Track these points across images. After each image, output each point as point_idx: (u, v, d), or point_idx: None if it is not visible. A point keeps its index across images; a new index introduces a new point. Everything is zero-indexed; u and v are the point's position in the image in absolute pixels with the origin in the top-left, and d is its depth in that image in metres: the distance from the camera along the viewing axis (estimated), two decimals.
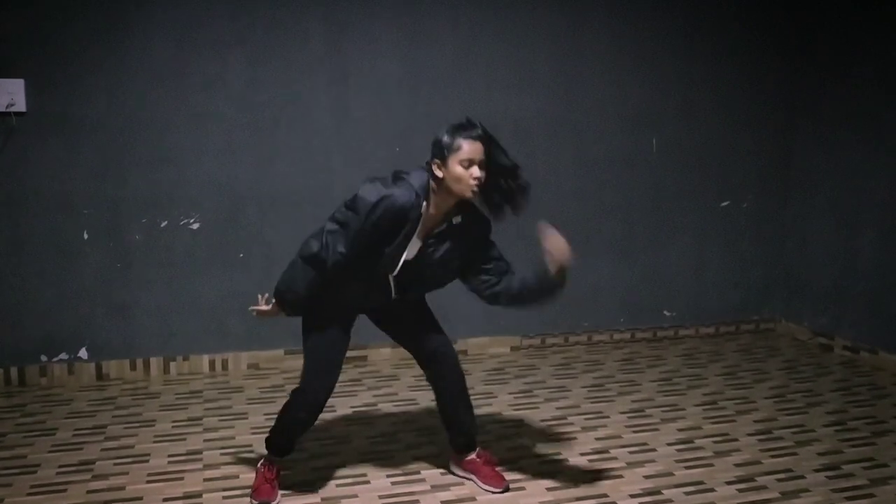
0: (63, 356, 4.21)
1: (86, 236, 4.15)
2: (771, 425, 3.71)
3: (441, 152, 2.67)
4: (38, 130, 4.03)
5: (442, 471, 3.21)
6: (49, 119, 4.03)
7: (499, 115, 4.61)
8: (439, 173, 2.68)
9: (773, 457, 3.37)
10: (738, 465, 3.28)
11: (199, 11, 4.16)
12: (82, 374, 4.23)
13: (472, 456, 3.12)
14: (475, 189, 2.69)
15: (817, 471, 3.23)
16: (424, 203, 2.72)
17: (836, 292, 4.87)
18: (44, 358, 4.19)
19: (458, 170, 2.65)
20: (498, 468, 3.13)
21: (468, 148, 2.65)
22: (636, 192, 4.97)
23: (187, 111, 4.22)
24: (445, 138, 2.67)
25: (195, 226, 4.30)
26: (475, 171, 2.67)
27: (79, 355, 4.23)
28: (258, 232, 4.37)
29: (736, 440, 3.54)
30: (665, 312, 5.14)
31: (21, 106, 3.96)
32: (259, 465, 3.02)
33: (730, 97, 5.06)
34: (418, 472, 3.19)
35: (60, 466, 3.22)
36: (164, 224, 4.24)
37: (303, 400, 2.89)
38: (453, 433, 3.13)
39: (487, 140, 2.70)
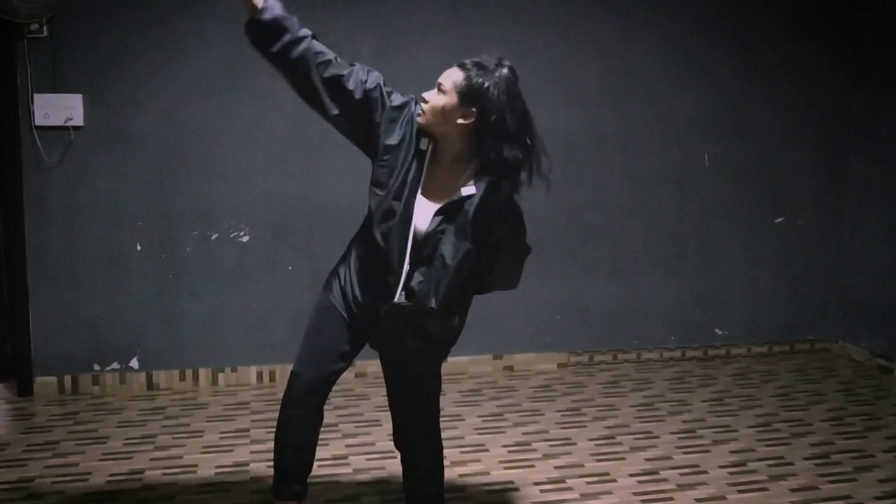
0: (115, 365, 4.27)
1: (139, 248, 4.22)
2: (828, 449, 3.60)
3: None
4: (94, 144, 4.12)
5: (489, 489, 3.17)
6: (105, 133, 4.12)
7: (547, 129, 4.54)
8: None
9: (830, 483, 3.26)
10: (794, 490, 3.18)
11: None
12: (133, 383, 4.29)
13: None
14: (417, 117, 2.32)
15: (878, 498, 3.12)
16: None
17: (895, 312, 4.72)
18: (96, 367, 4.26)
19: None
20: None
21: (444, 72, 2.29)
22: (687, 208, 4.89)
23: (238, 125, 4.28)
24: None
25: (245, 238, 4.34)
26: (425, 95, 2.30)
27: (130, 365, 4.29)
28: (306, 245, 4.40)
29: (791, 464, 3.44)
30: (717, 331, 5.03)
31: (79, 120, 4.06)
32: None
33: (784, 112, 4.96)
34: (463, 490, 3.16)
35: (111, 475, 3.26)
36: (214, 237, 4.29)
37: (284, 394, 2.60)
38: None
39: (467, 70, 2.25)
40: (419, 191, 2.33)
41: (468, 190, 2.27)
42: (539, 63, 4.57)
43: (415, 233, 2.31)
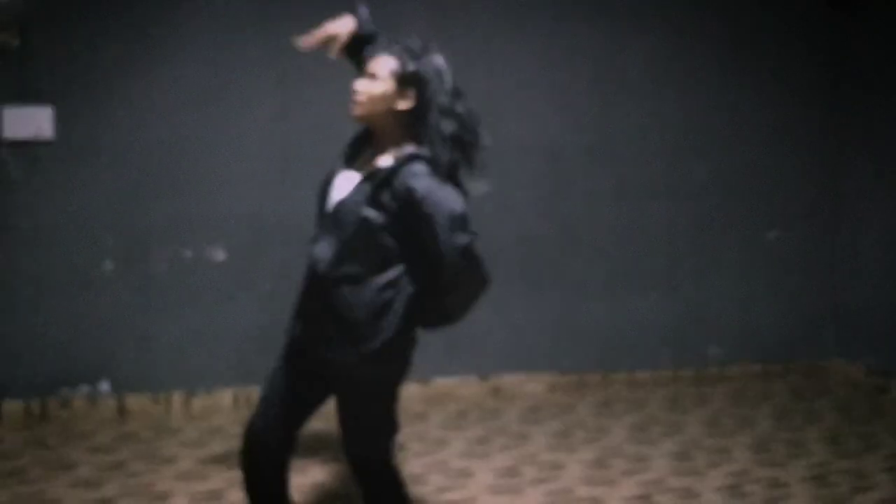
0: (84, 388, 4.16)
1: (109, 266, 4.13)
2: (824, 470, 3.54)
3: None
4: (64, 158, 4.04)
5: None
6: (76, 147, 4.04)
7: (535, 141, 4.56)
8: None
9: None
10: None
11: (230, 37, 4.17)
12: (103, 407, 4.17)
13: None
14: (354, 109, 2.31)
15: None
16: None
17: (891, 329, 4.66)
18: (65, 390, 4.14)
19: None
20: None
21: (373, 60, 2.31)
22: (679, 222, 4.83)
23: (214, 139, 4.22)
24: None
25: (221, 257, 4.25)
26: (356, 85, 2.30)
27: (100, 388, 4.18)
28: (285, 264, 4.29)
29: (787, 486, 3.37)
30: (711, 349, 4.95)
31: (48, 133, 3.98)
32: None
33: (777, 124, 4.92)
34: None
35: None
36: (188, 254, 4.21)
37: None
38: None
39: (402, 54, 2.29)
40: (347, 166, 2.36)
41: (385, 161, 2.27)
42: (527, 74, 4.55)
43: (334, 204, 2.32)
